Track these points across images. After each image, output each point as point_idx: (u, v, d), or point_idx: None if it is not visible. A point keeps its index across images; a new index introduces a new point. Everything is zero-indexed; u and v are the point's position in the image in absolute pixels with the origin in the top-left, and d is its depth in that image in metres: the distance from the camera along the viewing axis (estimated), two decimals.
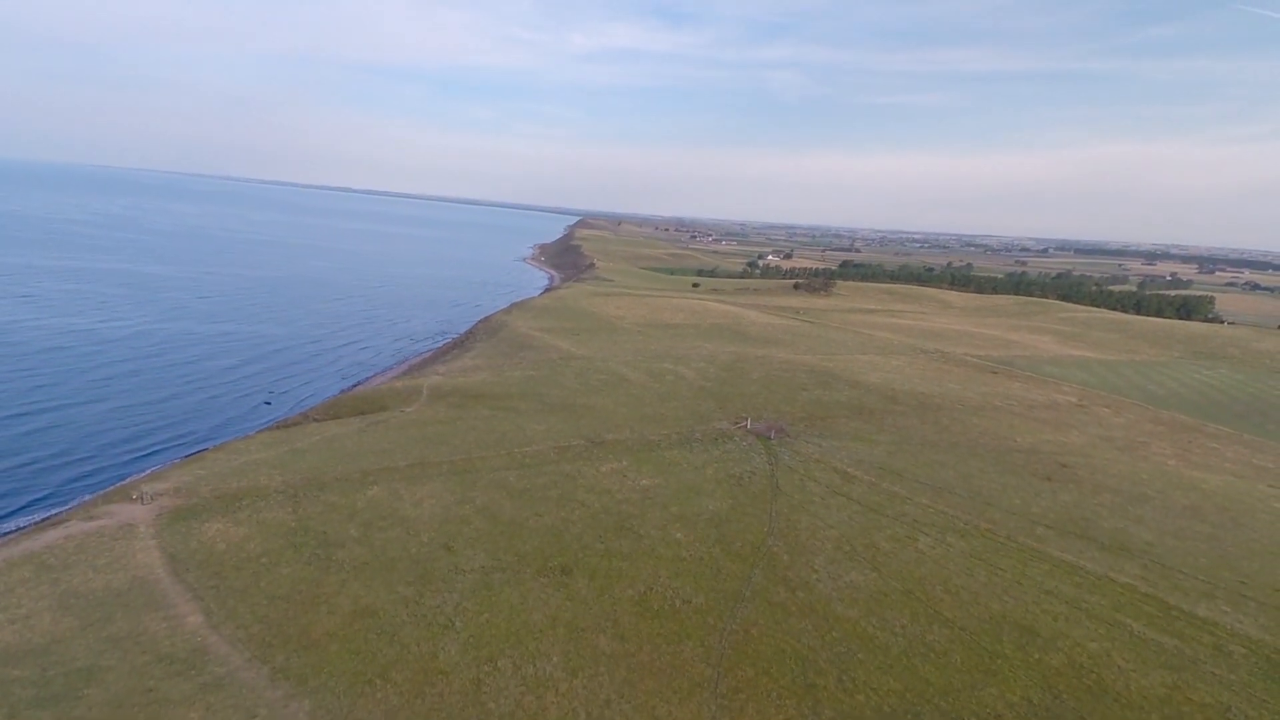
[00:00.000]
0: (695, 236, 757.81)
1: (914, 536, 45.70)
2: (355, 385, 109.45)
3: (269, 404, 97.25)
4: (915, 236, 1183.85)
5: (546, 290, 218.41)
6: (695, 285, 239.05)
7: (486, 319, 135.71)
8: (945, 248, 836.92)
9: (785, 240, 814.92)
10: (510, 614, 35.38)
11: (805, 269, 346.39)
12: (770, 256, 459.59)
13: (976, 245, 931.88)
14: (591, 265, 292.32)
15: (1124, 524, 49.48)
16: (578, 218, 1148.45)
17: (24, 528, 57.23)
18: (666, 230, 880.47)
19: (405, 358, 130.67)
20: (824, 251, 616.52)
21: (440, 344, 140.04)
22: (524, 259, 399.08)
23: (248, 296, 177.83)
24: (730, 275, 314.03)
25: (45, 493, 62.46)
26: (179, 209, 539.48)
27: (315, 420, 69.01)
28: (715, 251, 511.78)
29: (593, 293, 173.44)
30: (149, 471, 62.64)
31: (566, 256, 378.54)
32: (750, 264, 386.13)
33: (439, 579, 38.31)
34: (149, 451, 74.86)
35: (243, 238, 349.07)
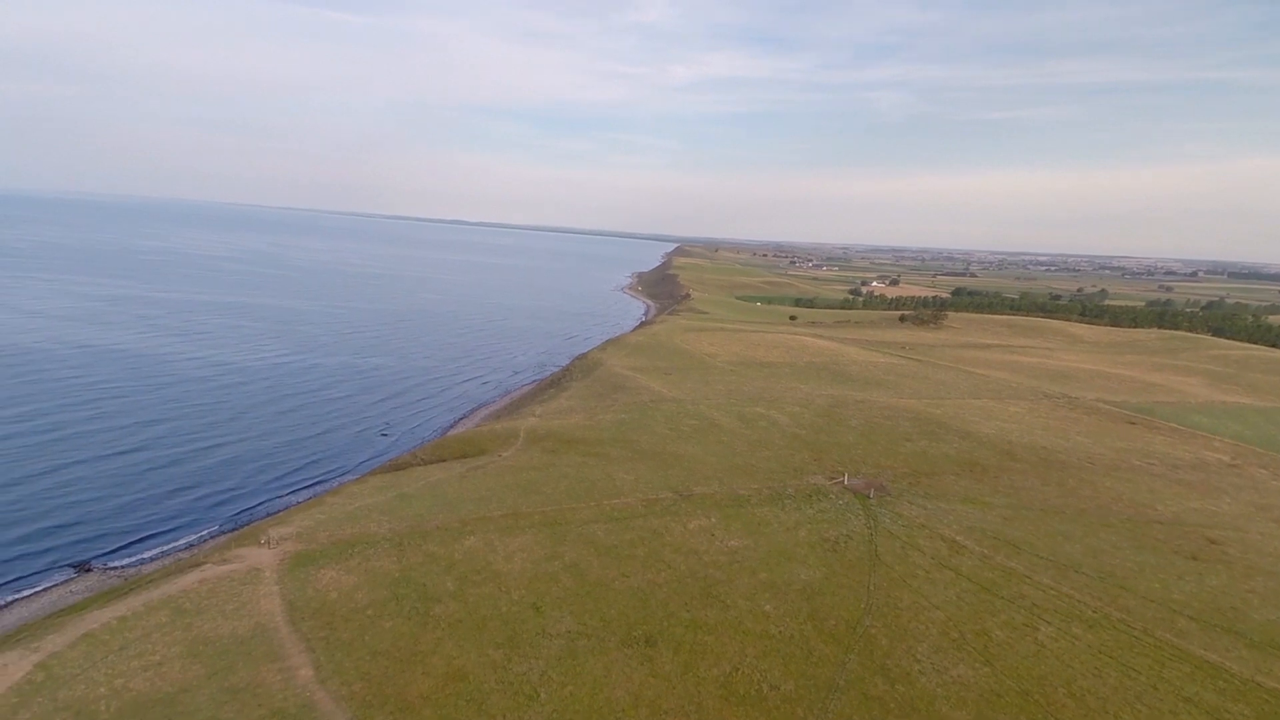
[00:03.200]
0: (794, 262, 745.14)
1: (1033, 624, 41.70)
2: (461, 419, 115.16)
3: (385, 435, 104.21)
4: (1040, 258, 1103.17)
5: (641, 324, 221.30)
6: (793, 318, 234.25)
7: (582, 356, 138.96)
8: (1075, 271, 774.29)
9: (891, 265, 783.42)
10: (594, 688, 35.32)
11: (913, 297, 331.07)
12: (874, 283, 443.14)
13: (1112, 268, 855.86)
14: (687, 296, 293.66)
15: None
16: (676, 244, 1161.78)
17: (167, 552, 64.04)
18: (764, 255, 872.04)
19: (507, 390, 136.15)
20: (934, 277, 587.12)
21: (539, 378, 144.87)
22: (622, 288, 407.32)
23: (367, 329, 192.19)
24: (830, 305, 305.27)
25: (192, 517, 69.69)
26: (312, 245, 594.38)
27: (422, 463, 72.85)
28: (815, 278, 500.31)
29: (686, 328, 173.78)
30: (277, 513, 68.58)
31: (663, 286, 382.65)
32: (853, 292, 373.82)
33: (526, 643, 38.94)
34: (283, 477, 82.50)
35: (364, 272, 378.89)
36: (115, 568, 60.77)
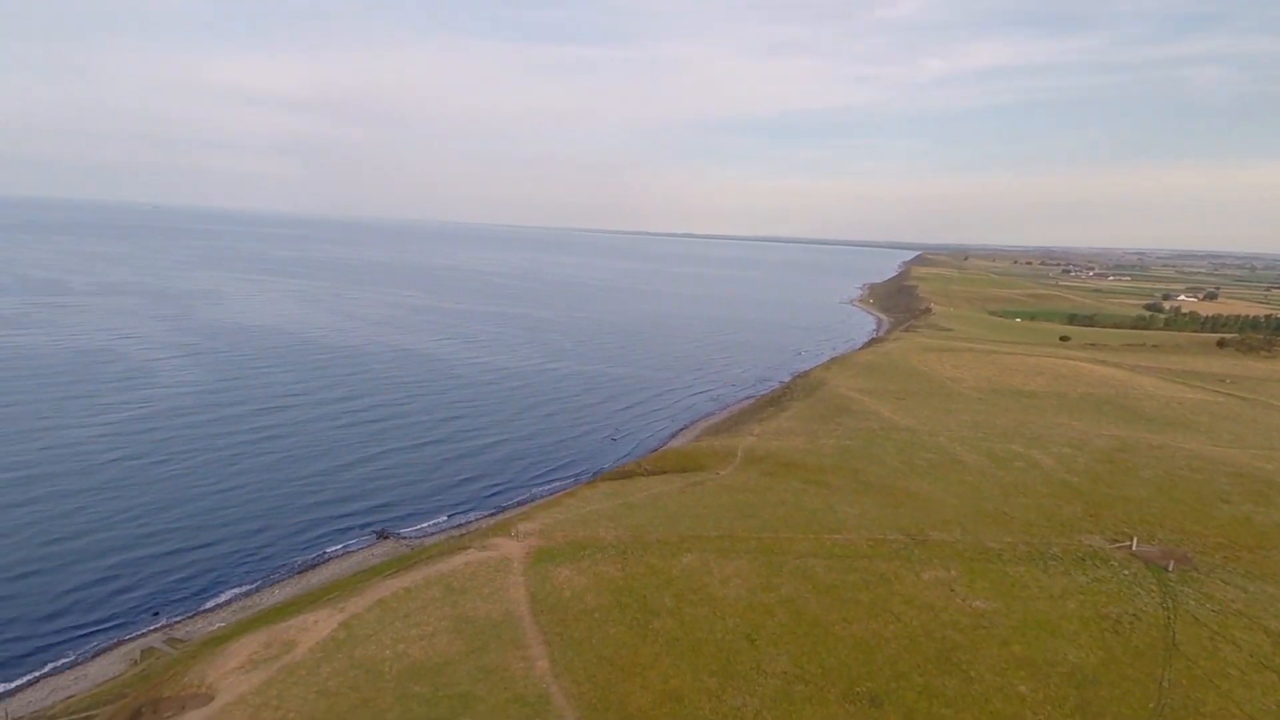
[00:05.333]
0: (1068, 270, 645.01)
1: None
2: (681, 429, 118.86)
3: (614, 440, 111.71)
4: None
5: (871, 341, 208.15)
6: (1064, 338, 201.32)
7: (804, 374, 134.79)
8: None
9: (1207, 274, 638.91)
10: None
11: (1236, 316, 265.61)
12: (1181, 297, 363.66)
13: None
14: (927, 310, 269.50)
15: None
16: (915, 253, 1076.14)
17: (442, 528, 75.06)
18: (1028, 263, 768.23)
19: (725, 404, 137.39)
20: (1267, 290, 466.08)
21: (758, 394, 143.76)
22: (850, 300, 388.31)
23: (601, 338, 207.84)
24: (1117, 323, 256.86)
25: (461, 502, 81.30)
26: (561, 260, 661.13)
27: (645, 473, 76.40)
28: (1096, 290, 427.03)
29: (925, 346, 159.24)
30: (524, 506, 77.11)
31: (898, 298, 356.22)
32: (1150, 307, 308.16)
33: (741, 675, 38.42)
34: (530, 473, 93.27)
35: (601, 285, 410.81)
36: (405, 537, 73.02)
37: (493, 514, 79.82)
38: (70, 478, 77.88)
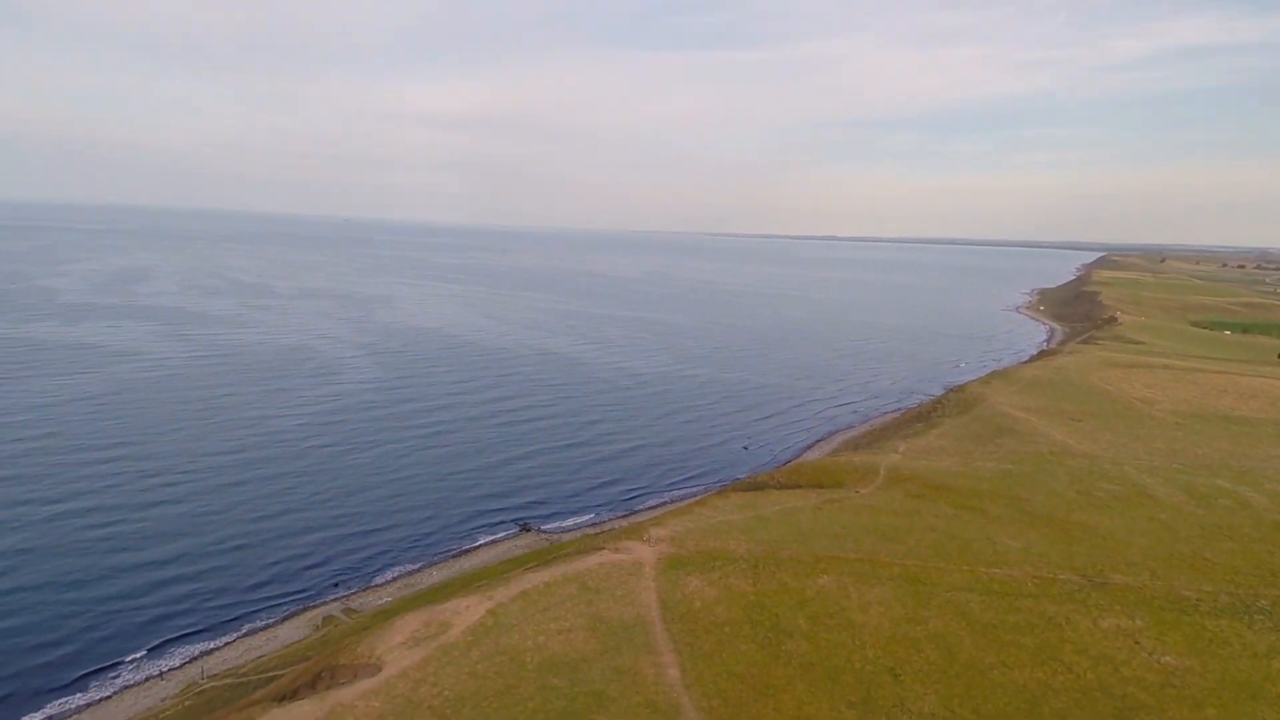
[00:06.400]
0: None
1: None
2: (817, 441, 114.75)
3: (746, 449, 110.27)
4: None
5: (1041, 353, 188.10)
6: None
7: (958, 388, 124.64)
8: None
9: None
10: None
11: None
12: None
13: None
14: (1112, 319, 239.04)
15: None
16: (1097, 254, 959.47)
17: (580, 525, 78.11)
18: (1240, 267, 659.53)
19: (867, 417, 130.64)
20: None
21: (903, 408, 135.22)
22: (1016, 308, 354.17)
23: (734, 344, 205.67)
24: None
25: (599, 502, 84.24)
26: (696, 265, 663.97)
27: (778, 486, 74.56)
28: None
29: (1108, 361, 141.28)
30: (656, 509, 78.33)
31: (1075, 305, 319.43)
32: None
33: (883, 711, 36.33)
34: (663, 478, 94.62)
35: (736, 290, 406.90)
36: (545, 532, 77.01)
37: (625, 516, 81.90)
38: (276, 462, 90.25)
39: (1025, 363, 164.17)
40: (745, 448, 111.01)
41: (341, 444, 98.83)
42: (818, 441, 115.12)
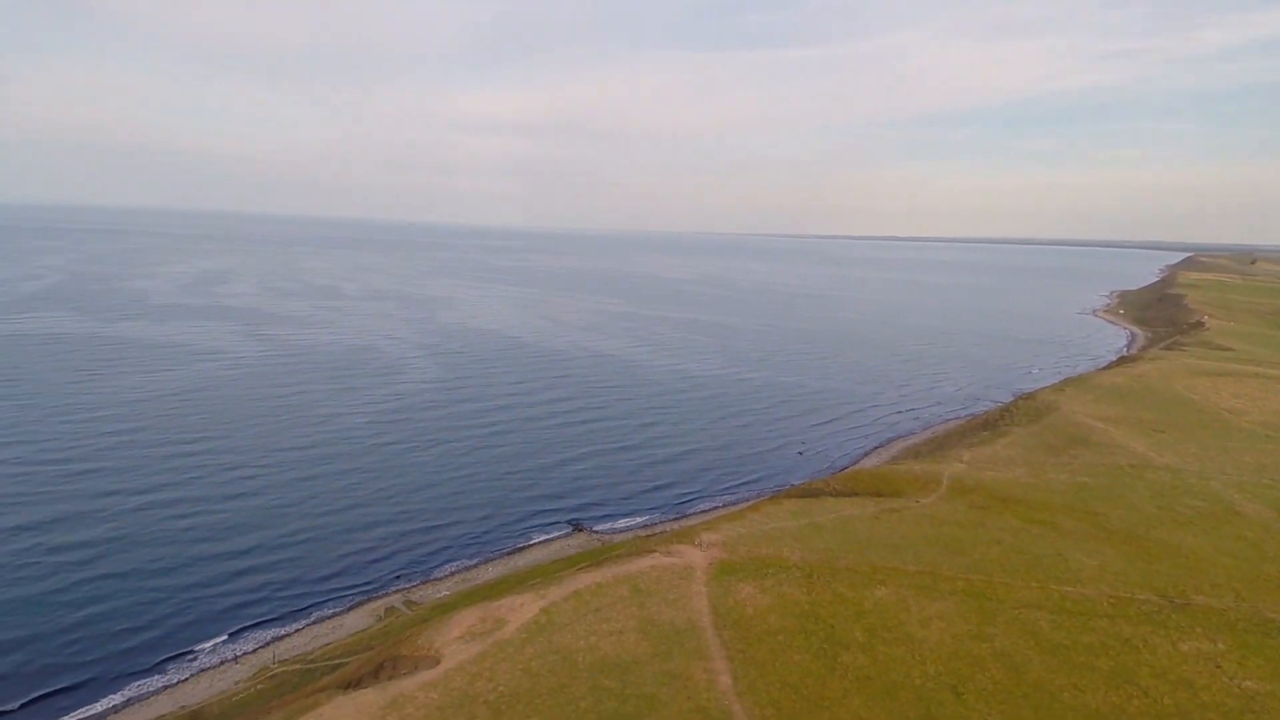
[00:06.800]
0: None
1: None
2: (875, 448, 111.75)
3: (801, 454, 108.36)
4: None
5: (1121, 360, 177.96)
6: None
7: (1028, 395, 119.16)
8: None
9: None
10: None
11: None
12: None
13: None
14: (1199, 324, 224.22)
15: None
16: (1184, 254, 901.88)
17: (631, 527, 78.38)
18: None
19: (929, 424, 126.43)
20: None
21: (968, 414, 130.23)
22: (1093, 310, 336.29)
23: (790, 347, 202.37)
24: None
25: (649, 504, 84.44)
26: (752, 267, 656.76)
27: (834, 493, 72.99)
28: None
29: (1194, 369, 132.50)
30: (706, 513, 77.87)
31: (1159, 309, 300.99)
32: None
33: None
34: (714, 481, 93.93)
35: (792, 291, 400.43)
36: (596, 532, 77.68)
37: (676, 519, 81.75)
38: (344, 458, 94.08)
39: (1103, 369, 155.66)
40: (800, 453, 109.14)
41: (404, 442, 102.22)
42: (876, 448, 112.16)
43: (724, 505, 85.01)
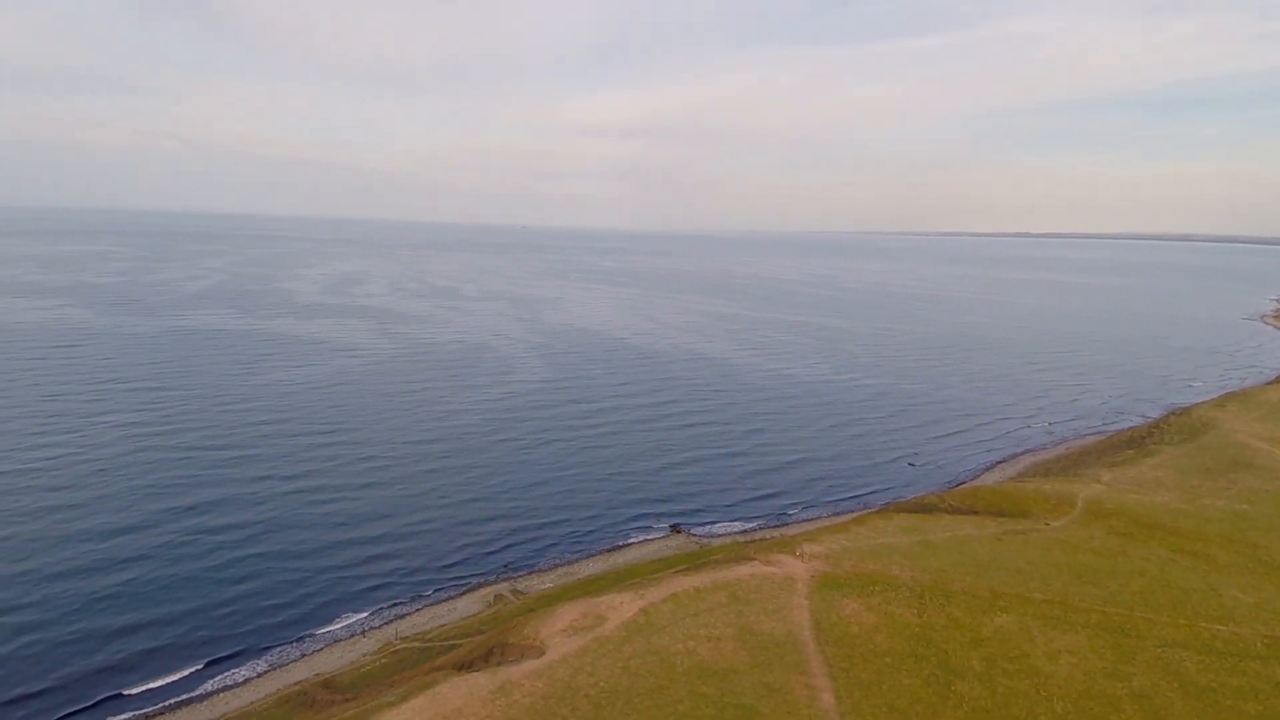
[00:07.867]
0: None
1: None
2: (998, 463, 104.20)
3: (913, 466, 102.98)
4: None
5: None
6: None
7: (1182, 411, 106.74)
8: None
9: None
10: None
11: None
12: None
13: None
14: None
15: None
16: None
17: (729, 532, 77.92)
18: None
19: (1063, 439, 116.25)
20: None
21: (1109, 429, 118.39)
22: (1261, 316, 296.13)
23: (906, 352, 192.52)
24: None
25: (749, 510, 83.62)
26: (865, 267, 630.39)
27: (950, 509, 69.01)
28: None
29: None
30: (808, 523, 75.88)
31: None
32: None
33: None
34: (818, 490, 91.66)
35: (910, 293, 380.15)
36: (694, 535, 77.92)
37: (776, 527, 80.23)
38: (462, 454, 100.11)
39: (1270, 383, 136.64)
40: (911, 464, 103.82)
41: (516, 439, 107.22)
42: (1000, 463, 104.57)
43: (827, 516, 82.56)
